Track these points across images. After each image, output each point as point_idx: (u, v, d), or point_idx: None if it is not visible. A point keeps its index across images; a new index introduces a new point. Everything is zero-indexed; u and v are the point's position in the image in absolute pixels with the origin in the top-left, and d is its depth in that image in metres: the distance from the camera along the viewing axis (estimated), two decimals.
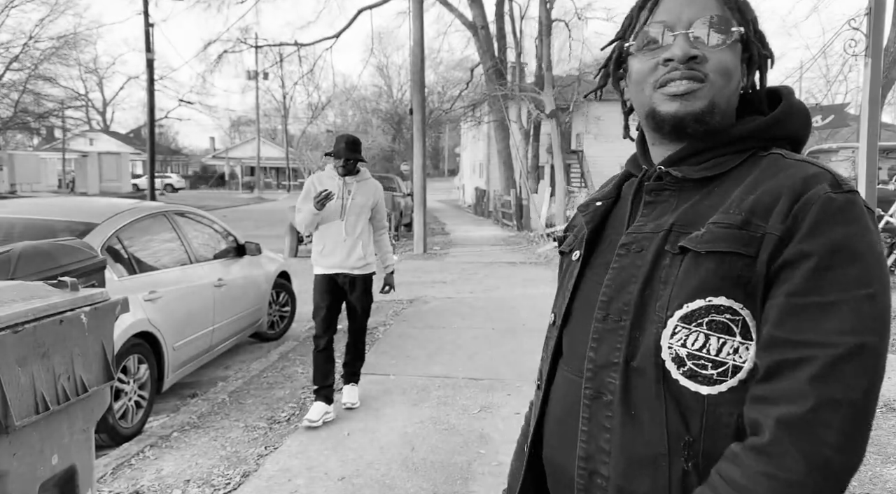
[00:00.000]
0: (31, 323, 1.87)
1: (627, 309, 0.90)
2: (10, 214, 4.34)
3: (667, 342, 0.86)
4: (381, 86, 54.46)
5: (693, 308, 0.85)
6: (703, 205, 0.90)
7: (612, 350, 0.91)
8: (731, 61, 0.92)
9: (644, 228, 0.94)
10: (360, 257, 4.00)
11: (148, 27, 19.00)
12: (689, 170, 0.94)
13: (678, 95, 0.91)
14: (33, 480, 1.90)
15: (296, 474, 3.28)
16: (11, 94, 31.32)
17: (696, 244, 0.86)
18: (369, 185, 4.12)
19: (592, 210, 1.06)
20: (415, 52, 13.06)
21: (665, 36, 0.93)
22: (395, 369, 5.04)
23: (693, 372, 0.85)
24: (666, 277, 0.88)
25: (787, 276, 0.81)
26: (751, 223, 0.84)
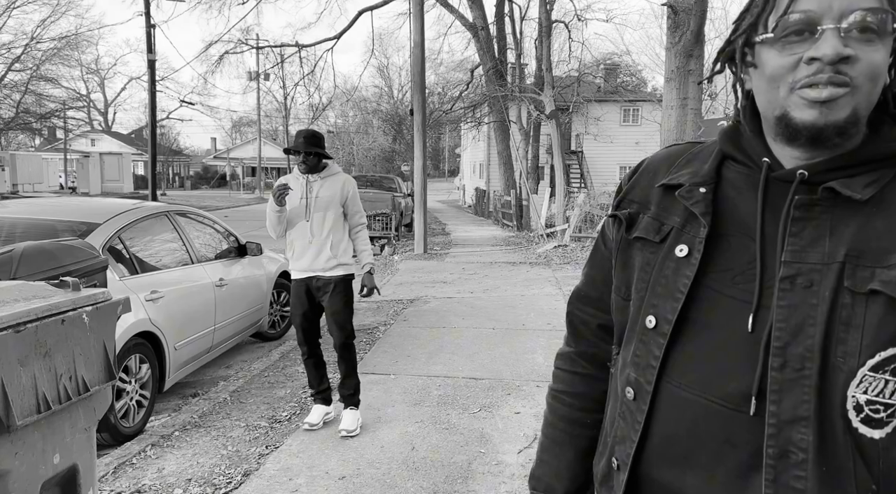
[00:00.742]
0: (33, 322, 1.88)
1: (811, 356, 0.80)
2: (12, 214, 4.36)
3: (852, 391, 0.79)
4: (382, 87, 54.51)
5: (886, 356, 0.78)
6: (871, 233, 0.80)
7: (798, 403, 0.80)
8: (882, 62, 0.80)
9: (807, 257, 0.82)
10: (328, 258, 3.75)
11: (149, 28, 19.03)
12: (855, 188, 0.81)
13: (819, 102, 0.79)
14: (35, 479, 1.91)
15: (297, 473, 3.29)
16: (13, 95, 31.39)
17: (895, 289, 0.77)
18: (335, 180, 3.83)
19: (701, 198, 0.90)
20: (415, 53, 13.08)
21: (814, 27, 0.79)
22: (396, 369, 5.05)
23: (868, 417, 0.80)
24: (848, 319, 0.79)
25: None
26: None
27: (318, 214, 3.76)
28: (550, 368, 1.21)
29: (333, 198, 3.78)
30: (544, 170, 24.80)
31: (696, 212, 0.90)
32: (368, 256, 3.92)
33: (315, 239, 3.76)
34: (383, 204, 14.79)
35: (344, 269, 3.81)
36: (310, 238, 3.76)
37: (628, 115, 29.16)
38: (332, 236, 3.77)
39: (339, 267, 3.80)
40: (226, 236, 5.72)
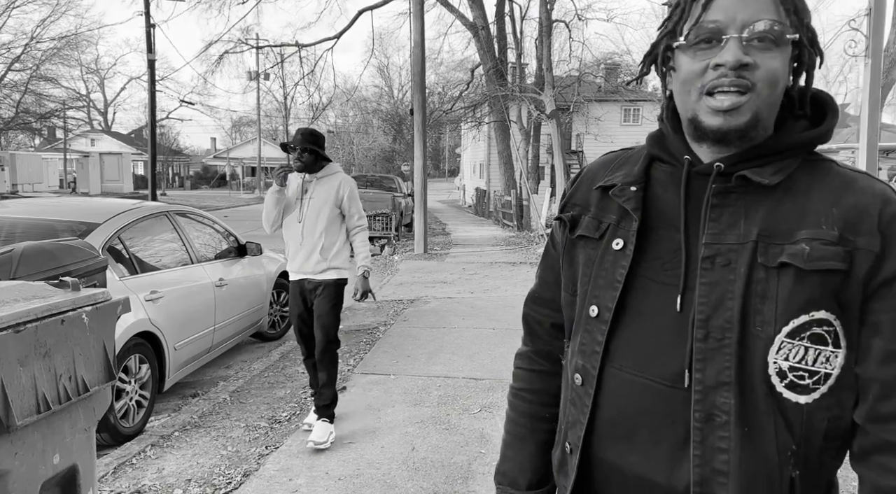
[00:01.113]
0: (33, 322, 1.88)
1: (730, 326, 0.89)
2: (12, 214, 4.36)
3: (773, 357, 0.88)
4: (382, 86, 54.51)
5: (798, 323, 0.87)
6: (781, 213, 0.90)
7: (721, 370, 0.89)
8: (780, 68, 0.90)
9: (725, 239, 0.91)
10: (318, 261, 3.66)
11: (149, 28, 19.03)
12: (765, 175, 0.91)
13: (723, 110, 0.89)
14: (35, 479, 1.91)
15: (297, 473, 3.29)
16: (13, 95, 31.38)
17: (803, 262, 0.86)
18: (333, 181, 3.72)
19: (633, 196, 1.00)
20: (415, 52, 13.07)
21: (719, 36, 0.89)
22: (396, 369, 5.05)
23: (793, 383, 0.88)
24: (764, 293, 0.88)
25: (886, 292, 0.86)
26: (844, 239, 0.87)
27: (310, 215, 3.68)
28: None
29: (328, 199, 3.68)
30: (545, 169, 24.80)
31: (628, 208, 0.99)
32: (364, 259, 3.79)
33: (306, 240, 3.68)
34: (383, 204, 14.79)
35: (335, 273, 3.71)
36: (300, 239, 3.70)
37: (629, 115, 29.17)
38: (323, 238, 3.67)
39: (331, 271, 3.70)
40: (226, 236, 5.71)
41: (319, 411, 3.71)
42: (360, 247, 3.82)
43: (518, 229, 18.22)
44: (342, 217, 3.77)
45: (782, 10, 0.89)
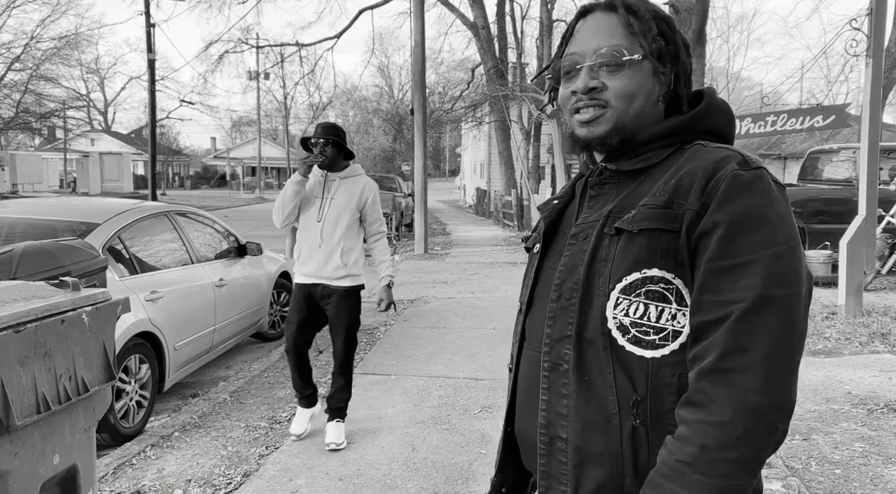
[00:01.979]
0: (33, 322, 1.88)
1: (576, 287, 1.01)
2: (12, 214, 4.35)
3: (611, 312, 0.97)
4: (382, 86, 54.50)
5: (631, 280, 0.96)
6: (637, 193, 1.02)
7: (565, 325, 1.02)
8: (632, 84, 1.03)
9: (589, 219, 1.06)
10: (338, 266, 3.46)
11: (149, 27, 19.03)
12: (623, 164, 1.06)
13: (585, 122, 1.05)
14: (35, 480, 1.91)
15: (297, 474, 3.29)
16: (13, 95, 31.38)
17: (629, 224, 0.98)
18: (357, 183, 3.54)
19: (550, 207, 1.18)
20: (416, 52, 13.07)
21: (575, 67, 1.06)
22: (396, 369, 5.04)
23: (637, 338, 0.96)
24: (606, 256, 0.99)
25: (704, 245, 0.93)
26: (673, 202, 0.96)
27: (331, 217, 3.47)
28: None
29: (351, 201, 3.49)
30: (545, 169, 24.77)
31: (542, 216, 1.17)
32: (388, 267, 3.65)
33: (325, 243, 3.47)
34: (384, 204, 14.76)
35: (353, 280, 3.54)
36: (319, 242, 3.48)
37: None
38: (343, 243, 3.48)
39: (348, 278, 3.52)
40: (226, 236, 5.71)
41: (333, 413, 3.63)
42: (383, 255, 3.67)
43: (519, 229, 18.21)
44: (360, 222, 3.59)
45: (629, 34, 1.03)
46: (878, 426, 3.72)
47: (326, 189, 3.52)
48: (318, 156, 3.40)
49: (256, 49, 24.29)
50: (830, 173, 9.78)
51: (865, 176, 6.21)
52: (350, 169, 3.58)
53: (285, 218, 3.53)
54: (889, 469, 3.22)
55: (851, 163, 9.20)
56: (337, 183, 3.52)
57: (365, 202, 3.55)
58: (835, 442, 3.50)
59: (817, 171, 10.01)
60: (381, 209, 3.65)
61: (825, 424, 3.75)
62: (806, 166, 10.31)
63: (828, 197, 9.01)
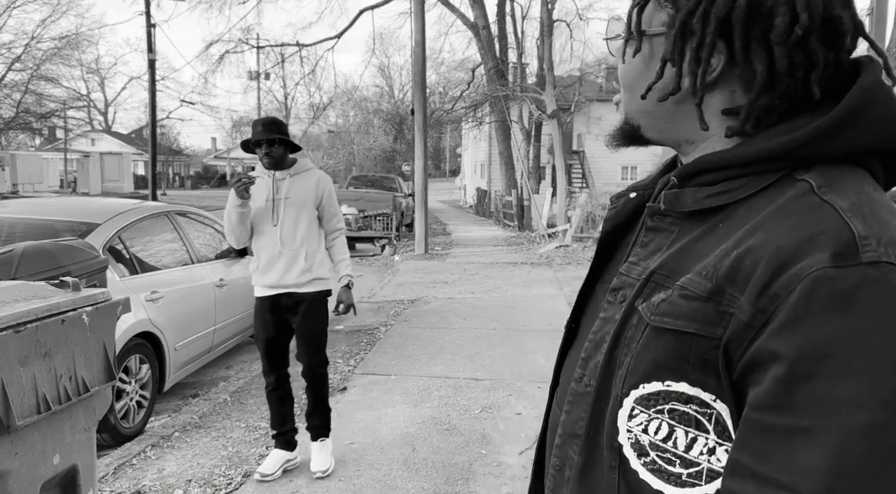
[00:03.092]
0: (33, 323, 1.88)
1: (595, 373, 0.75)
2: (13, 214, 4.35)
3: (624, 424, 0.70)
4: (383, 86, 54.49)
5: (650, 390, 0.67)
6: (697, 249, 0.68)
7: (578, 418, 0.76)
8: (633, 70, 0.76)
9: (633, 270, 0.75)
10: (303, 270, 3.17)
11: (150, 28, 19.03)
12: (686, 198, 0.71)
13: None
14: (35, 480, 1.91)
15: (297, 474, 3.28)
16: (14, 95, 31.41)
17: (651, 314, 0.67)
18: (308, 178, 3.24)
19: (621, 203, 0.84)
20: (416, 52, 13.07)
21: None
22: (397, 369, 5.04)
23: (657, 466, 0.68)
24: (630, 340, 0.70)
25: (753, 380, 0.60)
26: (723, 293, 0.62)
27: (288, 218, 3.17)
28: (552, 369, 1.20)
29: (307, 198, 3.20)
30: (546, 169, 24.77)
31: (605, 216, 0.86)
32: (347, 267, 3.32)
33: (286, 248, 3.17)
34: (384, 204, 14.78)
35: (321, 284, 3.25)
36: (279, 247, 3.16)
37: None
38: (306, 244, 3.19)
39: (316, 282, 3.22)
40: None
41: (315, 431, 3.33)
42: (342, 253, 3.34)
43: (519, 229, 18.22)
44: (319, 219, 3.31)
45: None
46: None
47: (277, 189, 3.19)
48: (247, 180, 3.07)
49: (257, 49, 24.31)
50: None
51: None
52: (299, 164, 3.28)
53: (238, 239, 3.23)
54: None
55: None
56: (287, 181, 3.20)
57: (321, 197, 3.25)
58: None
59: None
60: (337, 203, 3.36)
61: None
62: None
63: None
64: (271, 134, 3.12)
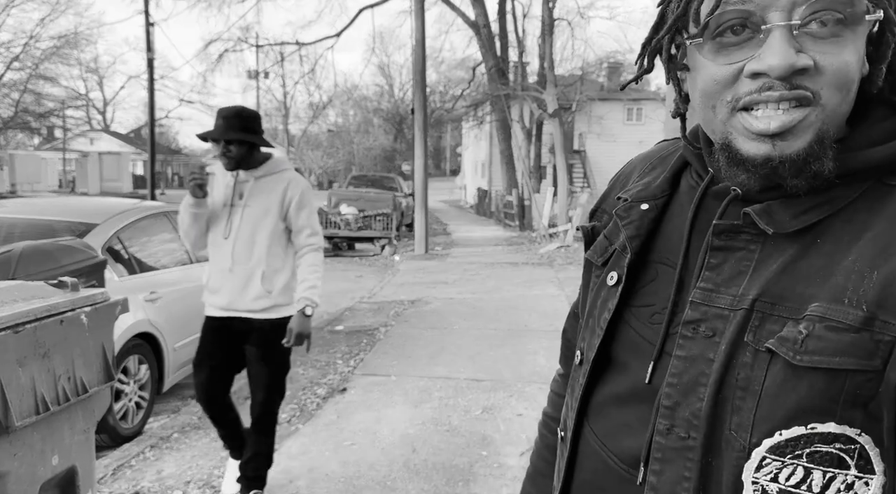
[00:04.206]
0: (32, 323, 1.86)
1: (697, 423, 0.64)
2: (11, 214, 4.34)
3: (751, 476, 0.62)
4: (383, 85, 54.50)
5: (789, 436, 0.60)
6: (802, 270, 0.61)
7: (678, 479, 0.66)
8: (854, 64, 0.60)
9: (717, 299, 0.65)
10: (259, 295, 2.66)
11: (149, 26, 19.02)
12: (783, 215, 0.63)
13: (769, 135, 0.61)
14: (34, 481, 1.89)
15: (297, 476, 3.27)
16: (12, 94, 31.41)
17: (795, 353, 0.59)
18: (277, 182, 2.70)
19: (638, 219, 0.76)
20: (416, 51, 13.06)
21: (753, 26, 0.60)
22: (397, 370, 5.03)
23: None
24: (746, 382, 0.62)
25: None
26: (875, 320, 0.57)
27: (245, 229, 2.66)
28: (553, 370, 1.19)
29: (270, 206, 2.66)
30: (547, 169, 24.77)
31: (626, 234, 0.76)
32: (308, 288, 2.70)
33: (238, 266, 2.66)
34: (384, 203, 14.77)
35: (283, 311, 2.73)
36: (228, 263, 2.67)
37: (632, 114, 29.15)
38: (265, 262, 2.66)
39: (276, 309, 2.71)
40: None
41: (251, 483, 2.84)
42: (309, 272, 2.72)
43: (520, 229, 18.22)
44: (289, 232, 2.74)
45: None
46: None
47: (237, 194, 2.69)
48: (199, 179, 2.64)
49: (256, 48, 24.32)
50: None
51: None
52: (269, 164, 2.73)
53: (193, 244, 2.80)
54: None
55: None
56: (251, 184, 2.69)
57: (288, 205, 2.68)
58: None
59: None
60: (313, 213, 2.77)
61: None
62: None
63: None
64: (230, 133, 2.58)
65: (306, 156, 50.30)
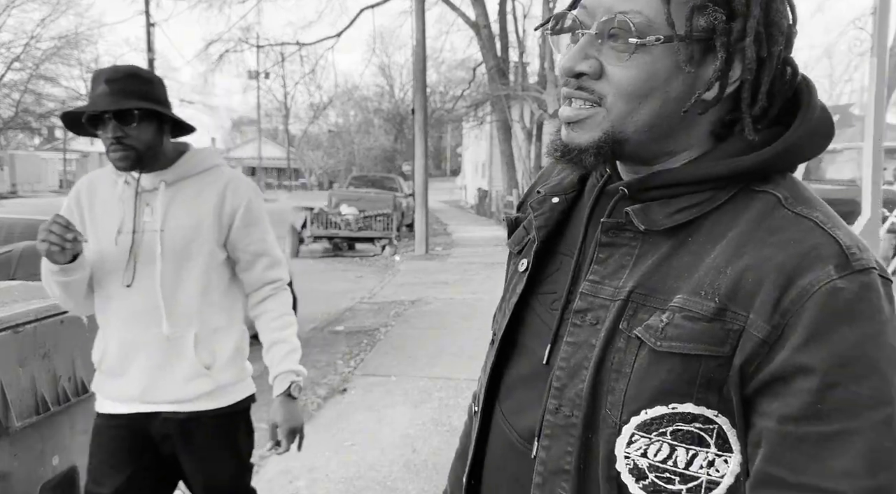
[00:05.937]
0: (32, 323, 1.86)
1: (579, 403, 0.71)
2: (11, 214, 4.34)
3: (622, 451, 0.69)
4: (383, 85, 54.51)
5: (653, 415, 0.67)
6: (673, 266, 0.68)
7: (562, 453, 0.72)
8: (643, 81, 0.67)
9: (601, 291, 0.72)
10: (192, 373, 1.65)
11: (149, 27, 19.05)
12: (655, 216, 0.70)
13: (569, 121, 0.71)
14: (34, 481, 1.89)
15: (297, 476, 3.27)
16: (13, 94, 31.43)
17: (656, 339, 0.66)
18: (205, 186, 1.69)
19: (548, 211, 0.82)
20: (417, 51, 13.06)
21: (578, 29, 0.69)
22: (397, 370, 5.03)
23: (656, 487, 0.68)
24: (619, 365, 0.69)
25: (778, 393, 0.62)
26: (726, 311, 0.64)
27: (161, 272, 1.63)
28: None
29: (199, 227, 1.65)
30: None
31: (535, 224, 0.81)
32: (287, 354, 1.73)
33: (153, 329, 1.64)
34: (384, 203, 14.77)
35: (236, 394, 1.74)
36: (139, 329, 1.65)
37: None
38: (199, 319, 1.66)
39: (224, 393, 1.71)
40: None
41: None
42: (280, 329, 1.75)
43: None
44: (231, 265, 1.73)
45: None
46: None
47: (141, 212, 1.64)
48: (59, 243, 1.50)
49: (257, 48, 24.34)
50: (834, 173, 9.76)
51: (869, 176, 6.19)
52: (189, 160, 1.70)
53: (75, 308, 1.76)
54: None
55: (855, 163, 9.19)
56: (163, 194, 1.64)
57: (230, 222, 1.68)
58: None
59: (820, 171, 10.00)
60: (269, 231, 1.77)
61: None
62: (809, 166, 10.29)
63: (831, 197, 8.95)
64: (123, 99, 1.55)
65: (307, 157, 50.33)
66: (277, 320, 1.76)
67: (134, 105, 1.56)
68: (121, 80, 1.59)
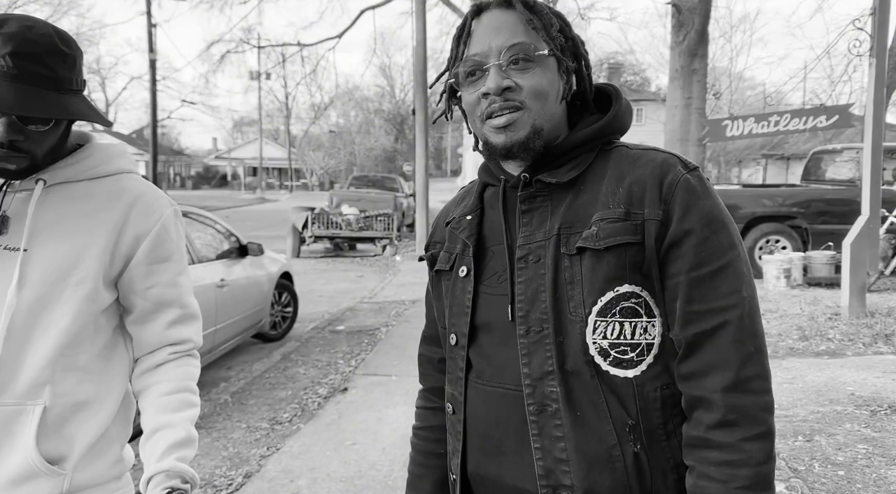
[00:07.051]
0: None
1: (546, 317, 0.94)
2: None
3: (590, 338, 0.92)
4: (384, 86, 54.55)
5: (606, 301, 0.92)
6: (579, 205, 0.96)
7: (543, 360, 0.93)
8: (544, 82, 0.97)
9: (533, 238, 0.97)
10: (29, 469, 1.05)
11: (151, 27, 19.06)
12: (559, 175, 0.98)
13: (501, 127, 0.96)
14: None
15: (298, 475, 3.28)
16: None
17: (595, 242, 0.92)
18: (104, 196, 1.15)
19: (467, 225, 1.07)
20: (417, 52, 13.06)
21: (481, 68, 0.97)
22: (398, 370, 5.04)
23: (618, 359, 0.92)
24: (571, 278, 0.93)
25: (677, 254, 0.91)
26: (630, 213, 0.92)
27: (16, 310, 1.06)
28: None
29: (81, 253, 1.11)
30: None
31: (462, 237, 1.06)
32: (174, 445, 1.12)
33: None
34: (385, 204, 14.78)
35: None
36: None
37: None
38: (50, 388, 1.08)
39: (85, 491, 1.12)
40: (227, 236, 5.70)
41: None
42: (171, 411, 1.17)
43: None
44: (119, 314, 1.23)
45: (531, 30, 0.97)
46: (881, 428, 3.70)
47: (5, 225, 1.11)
48: None
49: (258, 49, 24.34)
50: (834, 173, 9.75)
51: (869, 176, 6.19)
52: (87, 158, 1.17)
53: None
54: (892, 471, 3.21)
55: (855, 163, 9.17)
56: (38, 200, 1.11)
57: (132, 250, 1.17)
58: (838, 444, 3.48)
59: (820, 172, 9.99)
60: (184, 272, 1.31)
61: (828, 425, 3.74)
62: (809, 166, 10.29)
63: (831, 197, 8.98)
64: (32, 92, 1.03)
65: (308, 157, 50.33)
66: (171, 396, 1.18)
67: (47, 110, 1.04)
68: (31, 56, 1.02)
